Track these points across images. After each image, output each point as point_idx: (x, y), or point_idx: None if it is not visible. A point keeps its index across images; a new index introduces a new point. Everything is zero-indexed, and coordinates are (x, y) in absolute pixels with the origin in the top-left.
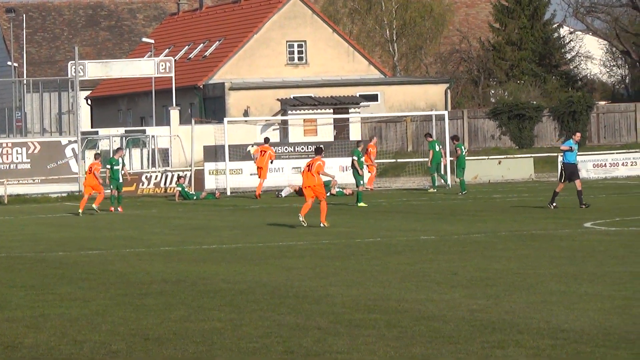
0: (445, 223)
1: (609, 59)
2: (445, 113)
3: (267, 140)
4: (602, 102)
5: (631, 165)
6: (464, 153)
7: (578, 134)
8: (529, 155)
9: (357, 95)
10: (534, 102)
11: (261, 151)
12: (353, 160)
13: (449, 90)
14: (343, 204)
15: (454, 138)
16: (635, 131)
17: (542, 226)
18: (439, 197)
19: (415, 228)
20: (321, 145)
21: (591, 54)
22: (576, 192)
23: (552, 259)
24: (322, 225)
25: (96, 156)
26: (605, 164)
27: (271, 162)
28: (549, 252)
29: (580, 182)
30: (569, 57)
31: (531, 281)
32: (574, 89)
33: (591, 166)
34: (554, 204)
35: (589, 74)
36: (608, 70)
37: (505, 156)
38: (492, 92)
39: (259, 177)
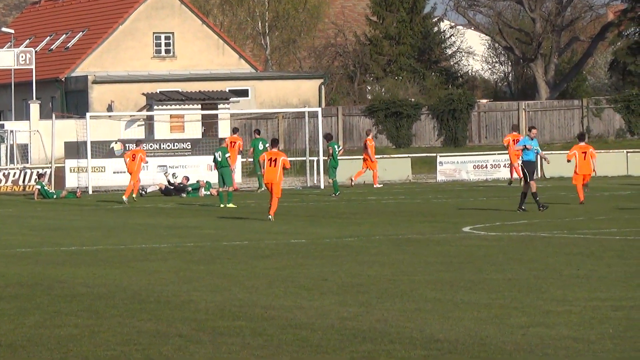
0: (317, 226)
1: (491, 55)
2: (319, 110)
3: (235, 130)
4: (484, 100)
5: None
6: (337, 152)
7: (534, 130)
8: (407, 155)
9: (227, 90)
10: (412, 100)
11: (230, 142)
12: (228, 158)
13: (323, 86)
14: (210, 204)
15: (326, 137)
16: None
17: (418, 230)
18: (311, 198)
19: (285, 231)
20: (276, 137)
21: (473, 50)
22: (531, 194)
23: (428, 265)
24: (269, 217)
25: (137, 142)
26: (486, 165)
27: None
28: (424, 258)
29: (535, 184)
30: (449, 53)
31: (405, 288)
32: (455, 86)
33: (471, 167)
34: (523, 207)
35: (470, 71)
36: (490, 67)
37: (381, 156)
38: (369, 88)
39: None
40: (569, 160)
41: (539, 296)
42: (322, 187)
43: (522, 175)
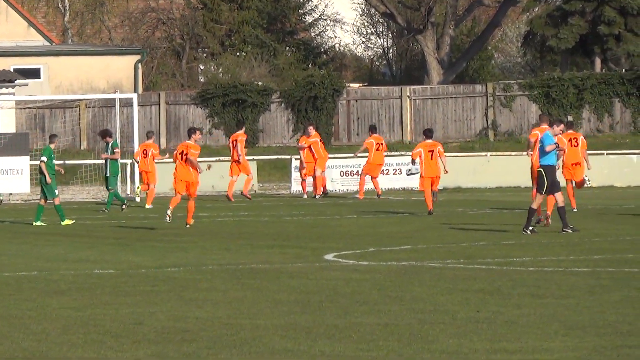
0: (130, 252)
1: (366, 24)
2: (134, 96)
3: (240, 124)
4: (356, 85)
5: (393, 173)
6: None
7: (562, 125)
8: (251, 157)
9: (11, 70)
10: (260, 83)
11: (232, 141)
12: (41, 162)
13: (140, 65)
14: None
15: (102, 134)
16: (401, 126)
17: (265, 258)
18: (122, 215)
19: (88, 258)
20: (195, 126)
21: (341, 18)
22: (556, 210)
23: (278, 305)
24: (187, 225)
25: (149, 134)
26: (357, 171)
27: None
28: (273, 295)
29: (562, 195)
30: (309, 21)
31: (246, 335)
32: (316, 66)
33: (338, 174)
34: (531, 227)
35: (337, 45)
36: (364, 40)
37: (217, 158)
38: (201, 68)
39: (243, 173)
40: (413, 160)
41: (425, 347)
42: (138, 199)
43: (538, 184)
